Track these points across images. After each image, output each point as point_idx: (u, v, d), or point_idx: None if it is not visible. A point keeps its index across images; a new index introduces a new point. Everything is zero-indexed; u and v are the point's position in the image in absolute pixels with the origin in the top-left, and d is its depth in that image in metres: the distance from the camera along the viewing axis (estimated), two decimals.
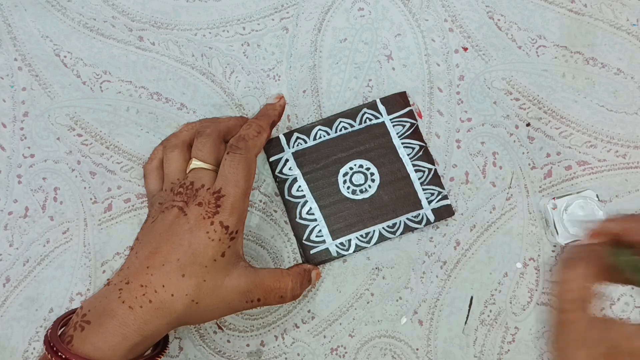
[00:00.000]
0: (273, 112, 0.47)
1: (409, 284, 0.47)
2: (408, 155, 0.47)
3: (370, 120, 0.48)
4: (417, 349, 0.47)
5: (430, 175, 0.47)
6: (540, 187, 0.48)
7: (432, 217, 0.47)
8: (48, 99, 0.50)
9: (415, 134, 0.48)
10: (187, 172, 0.42)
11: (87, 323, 0.37)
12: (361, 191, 0.47)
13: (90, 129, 0.49)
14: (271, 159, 0.48)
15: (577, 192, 0.46)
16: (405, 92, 0.49)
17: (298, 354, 0.47)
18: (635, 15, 0.50)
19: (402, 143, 0.47)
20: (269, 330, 0.47)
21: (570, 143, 0.49)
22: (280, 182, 0.47)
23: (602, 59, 0.49)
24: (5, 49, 0.50)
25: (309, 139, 0.48)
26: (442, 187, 0.47)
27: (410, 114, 0.48)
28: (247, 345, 0.47)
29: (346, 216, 0.47)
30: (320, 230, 0.47)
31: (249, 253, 0.48)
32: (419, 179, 0.47)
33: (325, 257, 0.46)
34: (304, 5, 0.50)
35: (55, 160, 0.49)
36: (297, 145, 0.48)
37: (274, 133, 0.48)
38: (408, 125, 0.48)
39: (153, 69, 0.50)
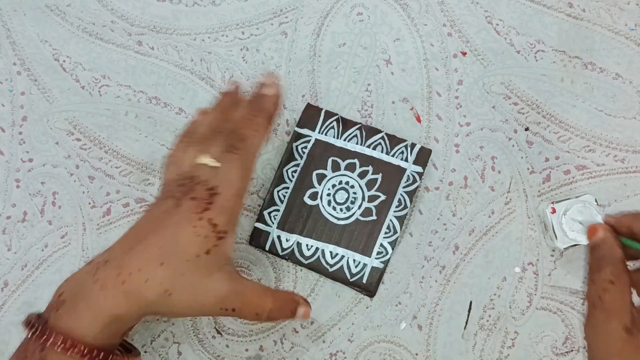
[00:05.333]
0: (269, 104, 0.45)
1: (408, 288, 0.47)
2: (395, 207, 0.48)
3: (400, 156, 0.48)
4: (417, 354, 0.47)
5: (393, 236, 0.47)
6: (539, 191, 0.48)
7: (366, 275, 0.47)
8: (47, 103, 0.50)
9: (414, 193, 0.48)
10: (194, 165, 0.42)
11: (62, 303, 0.37)
12: (333, 208, 0.47)
13: (89, 133, 0.49)
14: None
15: (576, 197, 0.46)
16: (431, 150, 0.48)
17: (297, 359, 0.47)
18: (634, 20, 0.50)
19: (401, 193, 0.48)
20: (267, 335, 0.47)
21: (569, 147, 0.49)
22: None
23: (601, 64, 0.49)
24: (4, 54, 0.50)
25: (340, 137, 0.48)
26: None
27: (421, 175, 0.48)
28: (246, 350, 0.47)
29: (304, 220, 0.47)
30: (275, 215, 0.47)
31: (248, 257, 0.48)
32: (385, 234, 0.47)
33: (262, 241, 0.47)
34: (303, 10, 0.50)
35: (54, 165, 0.49)
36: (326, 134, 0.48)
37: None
38: (415, 183, 0.48)
39: (152, 73, 0.50)
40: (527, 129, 0.49)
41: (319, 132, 0.48)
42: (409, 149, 0.48)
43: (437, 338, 0.47)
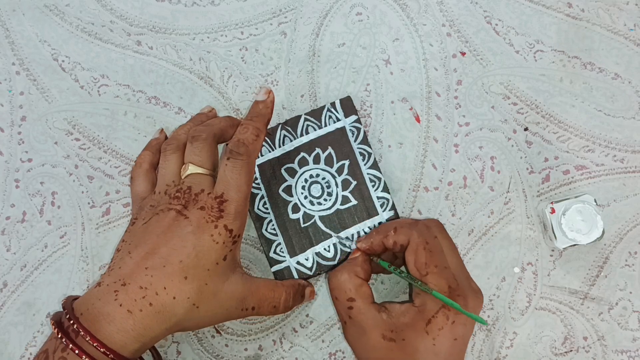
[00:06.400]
0: (266, 110, 0.45)
1: (408, 288, 0.47)
2: (363, 162, 0.48)
3: (333, 121, 0.48)
4: None
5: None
6: (538, 191, 0.48)
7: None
8: (46, 103, 0.50)
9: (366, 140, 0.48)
10: (183, 177, 0.42)
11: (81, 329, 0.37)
12: (319, 203, 0.47)
13: (88, 133, 0.49)
14: None
15: (575, 197, 0.46)
16: (349, 95, 0.48)
17: (296, 359, 0.47)
18: (633, 20, 0.50)
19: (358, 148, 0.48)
20: (267, 335, 0.47)
21: (568, 147, 0.49)
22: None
23: (600, 64, 0.49)
24: (3, 54, 0.50)
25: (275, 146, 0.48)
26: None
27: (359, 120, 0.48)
28: (245, 349, 0.47)
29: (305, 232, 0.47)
30: (281, 248, 0.47)
31: (247, 257, 0.48)
32: (373, 187, 0.47)
33: (287, 276, 0.46)
34: (302, 10, 0.50)
35: (53, 165, 0.49)
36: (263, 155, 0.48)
37: None
38: (360, 131, 0.48)
39: (151, 72, 0.50)
40: (526, 129, 0.49)
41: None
42: (332, 110, 0.48)
43: None
